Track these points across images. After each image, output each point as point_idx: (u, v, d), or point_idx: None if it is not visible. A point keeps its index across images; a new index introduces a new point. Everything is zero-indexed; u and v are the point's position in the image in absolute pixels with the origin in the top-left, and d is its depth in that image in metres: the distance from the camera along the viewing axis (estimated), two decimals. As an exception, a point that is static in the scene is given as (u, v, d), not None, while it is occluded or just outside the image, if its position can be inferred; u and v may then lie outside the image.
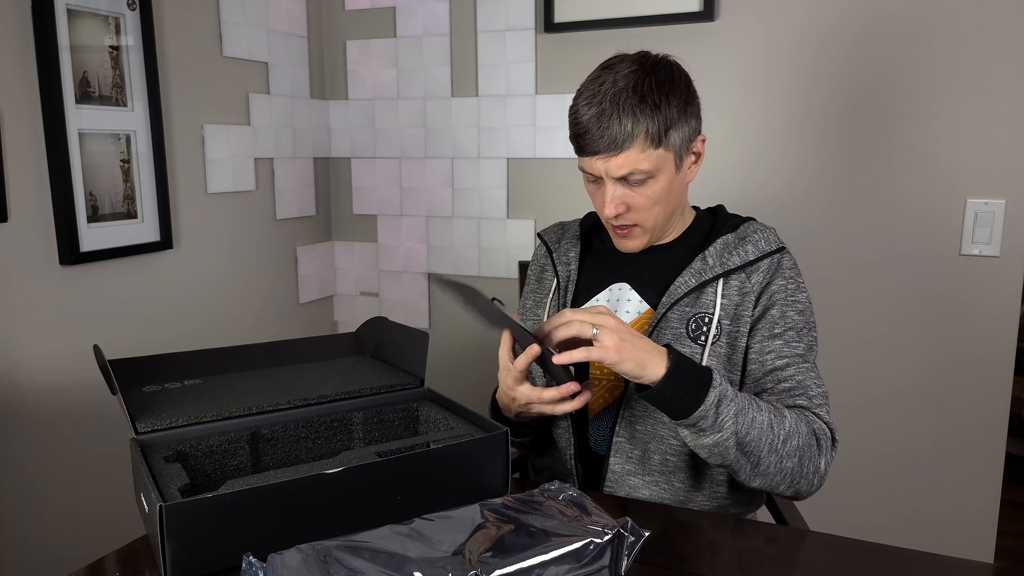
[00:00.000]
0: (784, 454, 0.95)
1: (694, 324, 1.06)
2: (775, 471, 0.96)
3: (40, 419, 1.42)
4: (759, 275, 1.07)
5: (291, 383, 1.07)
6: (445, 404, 1.05)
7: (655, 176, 1.02)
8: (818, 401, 1.02)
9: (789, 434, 0.95)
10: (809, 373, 1.04)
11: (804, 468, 0.97)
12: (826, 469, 0.99)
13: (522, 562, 0.68)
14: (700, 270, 1.07)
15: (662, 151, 1.01)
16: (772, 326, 1.05)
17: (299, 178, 2.01)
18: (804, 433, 0.97)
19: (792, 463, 0.96)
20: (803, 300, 1.08)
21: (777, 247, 1.09)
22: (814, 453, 0.97)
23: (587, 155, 1.03)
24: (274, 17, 1.88)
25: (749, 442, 0.93)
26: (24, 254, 1.38)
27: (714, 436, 0.92)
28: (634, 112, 0.98)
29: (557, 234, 1.26)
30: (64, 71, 1.39)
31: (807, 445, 0.97)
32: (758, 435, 0.93)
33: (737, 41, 1.68)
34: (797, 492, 0.99)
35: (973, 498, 1.63)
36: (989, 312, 1.57)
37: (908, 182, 1.60)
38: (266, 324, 1.94)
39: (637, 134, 0.99)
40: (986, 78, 1.52)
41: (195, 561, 0.75)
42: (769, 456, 0.94)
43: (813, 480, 0.98)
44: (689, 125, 1.04)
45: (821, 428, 1.00)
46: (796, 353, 1.04)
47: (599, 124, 0.99)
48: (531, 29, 1.85)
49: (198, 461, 0.92)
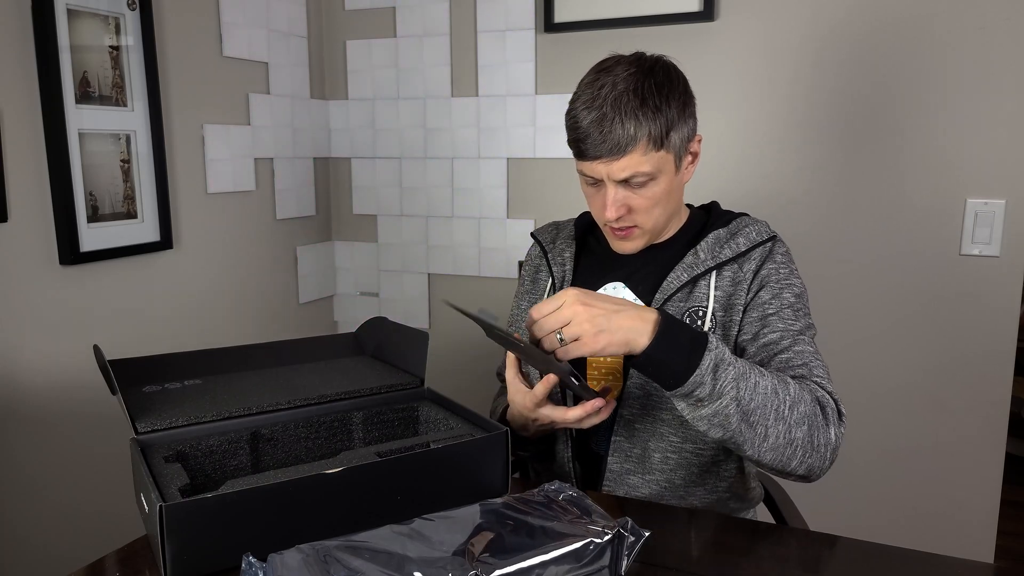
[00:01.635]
0: (792, 422, 0.89)
1: (688, 319, 1.06)
2: (785, 442, 0.90)
3: (40, 419, 1.42)
4: (751, 263, 1.07)
5: (291, 383, 1.07)
6: (445, 404, 1.05)
7: (656, 178, 1.02)
8: (819, 372, 0.98)
9: (796, 400, 0.90)
10: (807, 347, 1.01)
11: (815, 439, 0.91)
12: (837, 442, 0.93)
13: (522, 562, 0.68)
14: (692, 264, 1.07)
15: (663, 153, 1.01)
16: (765, 306, 1.04)
17: (299, 178, 2.01)
18: (808, 400, 0.92)
19: (802, 432, 0.90)
20: (798, 284, 1.07)
21: (768, 236, 1.08)
22: (821, 423, 0.92)
23: (588, 159, 1.02)
24: (274, 17, 1.88)
25: (753, 409, 0.88)
26: (24, 254, 1.38)
27: (713, 405, 0.87)
28: (636, 115, 0.97)
29: (551, 234, 1.25)
30: (64, 71, 1.39)
31: (813, 413, 0.91)
32: (763, 401, 0.88)
33: (737, 41, 1.68)
34: (810, 468, 0.93)
35: (973, 498, 1.63)
36: (989, 312, 1.57)
37: (908, 182, 1.60)
38: (266, 324, 1.94)
39: (640, 137, 0.98)
40: (986, 78, 1.52)
41: (195, 561, 0.75)
42: (777, 424, 0.89)
43: (826, 454, 0.92)
44: (687, 126, 1.04)
45: (824, 397, 0.95)
46: (792, 329, 1.02)
47: (600, 129, 0.98)
48: (531, 29, 1.85)
49: (198, 461, 0.92)
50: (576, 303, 0.87)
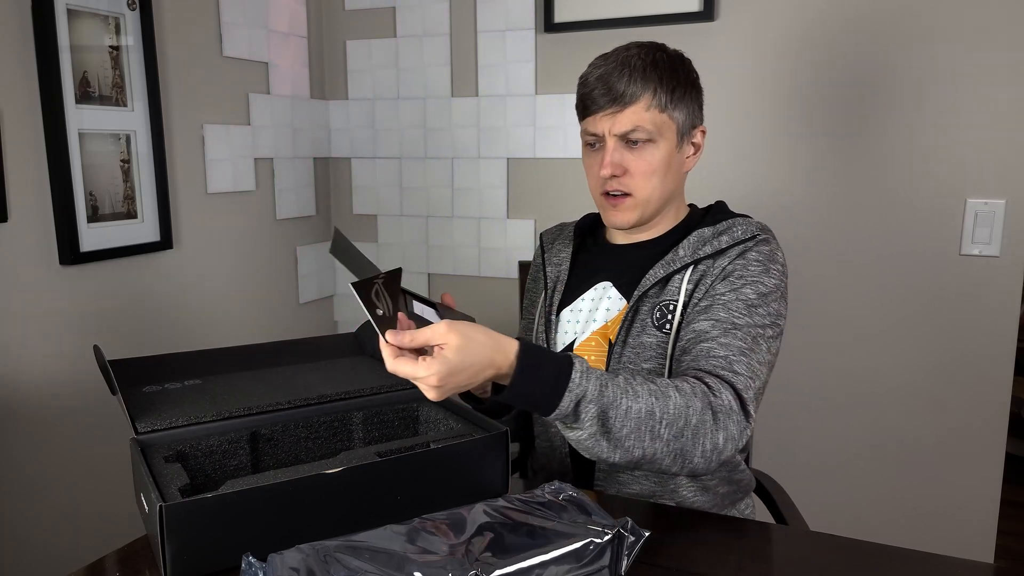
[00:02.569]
0: (669, 437, 0.87)
1: (659, 312, 1.06)
2: (662, 455, 0.88)
3: (40, 419, 1.42)
4: (725, 259, 1.04)
5: (291, 383, 1.07)
6: (445, 404, 1.05)
7: (656, 141, 1.04)
8: (737, 368, 0.95)
9: (675, 416, 0.87)
10: (737, 342, 0.97)
11: (697, 446, 0.89)
12: (727, 445, 0.90)
13: (522, 562, 0.68)
14: (670, 261, 1.07)
15: (666, 117, 1.03)
16: (716, 296, 1.01)
17: (299, 178, 2.01)
18: (697, 409, 0.88)
19: (679, 444, 0.88)
20: (769, 285, 1.02)
21: (752, 235, 1.05)
22: (709, 428, 0.89)
23: (591, 114, 1.05)
24: (274, 17, 1.88)
25: (625, 435, 0.86)
26: (24, 254, 1.38)
27: (579, 433, 0.86)
28: (644, 71, 1.02)
29: (554, 234, 1.27)
30: (64, 71, 1.39)
31: (700, 422, 0.88)
32: (635, 425, 0.86)
33: (737, 41, 1.68)
34: (692, 471, 0.92)
35: (973, 498, 1.63)
36: (989, 312, 1.57)
37: (908, 182, 1.60)
38: (266, 324, 1.94)
39: (645, 90, 1.02)
40: (986, 78, 1.52)
41: (195, 561, 0.75)
42: (653, 443, 0.87)
43: (711, 457, 0.90)
44: (694, 108, 1.07)
45: (724, 400, 0.91)
46: (732, 320, 0.98)
47: (606, 82, 1.03)
48: (531, 29, 1.85)
49: (198, 461, 0.92)
50: (434, 377, 0.78)
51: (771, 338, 1.01)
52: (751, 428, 0.93)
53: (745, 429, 0.92)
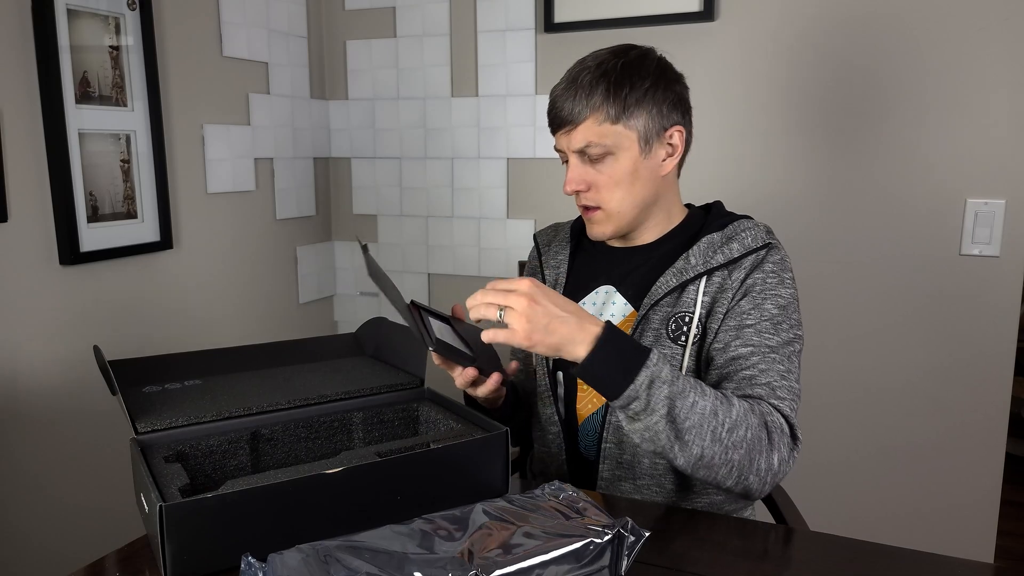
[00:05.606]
0: (730, 444, 0.88)
1: (674, 324, 1.04)
2: (720, 462, 0.89)
3: (40, 419, 1.42)
4: (740, 271, 1.03)
5: (291, 383, 1.07)
6: (445, 404, 1.05)
7: (615, 154, 1.03)
8: (781, 394, 0.96)
9: (736, 423, 0.89)
10: (776, 365, 0.98)
11: (754, 462, 0.90)
12: (780, 467, 0.92)
13: (522, 562, 0.68)
14: (682, 269, 1.05)
15: (621, 128, 1.02)
16: (743, 316, 1.01)
17: (299, 178, 2.01)
18: (755, 424, 0.90)
19: (739, 455, 0.89)
20: (786, 296, 1.03)
21: (763, 243, 1.05)
22: (764, 447, 0.90)
23: (554, 133, 1.07)
24: (274, 17, 1.88)
25: (688, 428, 0.87)
26: (24, 254, 1.38)
27: (644, 420, 0.87)
28: (590, 87, 1.02)
29: (549, 236, 1.25)
30: (64, 71, 1.39)
31: (756, 438, 0.90)
32: (699, 421, 0.87)
33: (737, 41, 1.68)
34: (747, 490, 0.92)
35: (973, 498, 1.63)
36: (989, 312, 1.57)
37: (908, 182, 1.60)
38: (266, 324, 1.94)
39: (593, 106, 1.01)
40: (986, 78, 1.52)
41: (195, 561, 0.75)
42: (713, 445, 0.88)
43: (766, 478, 0.91)
44: (659, 111, 1.03)
45: (777, 422, 0.93)
46: (766, 344, 0.99)
47: (562, 99, 1.04)
48: (531, 29, 1.85)
49: (198, 461, 0.92)
50: (525, 295, 0.86)
51: (799, 351, 1.04)
52: (799, 452, 0.95)
53: (794, 451, 0.94)
